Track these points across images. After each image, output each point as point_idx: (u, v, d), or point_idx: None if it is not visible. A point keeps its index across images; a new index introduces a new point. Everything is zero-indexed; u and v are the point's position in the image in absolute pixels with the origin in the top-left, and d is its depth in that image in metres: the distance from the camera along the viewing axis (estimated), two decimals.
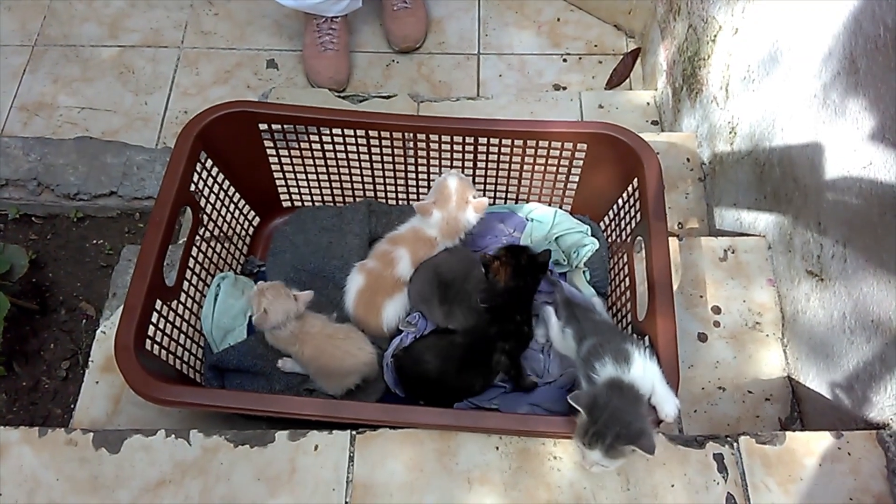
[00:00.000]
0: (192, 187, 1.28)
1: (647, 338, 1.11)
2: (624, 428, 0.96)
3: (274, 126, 1.36)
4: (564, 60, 2.20)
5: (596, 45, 2.22)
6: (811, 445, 1.05)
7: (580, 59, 2.20)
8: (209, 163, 1.33)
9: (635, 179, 1.26)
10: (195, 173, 1.29)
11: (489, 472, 1.05)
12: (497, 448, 1.06)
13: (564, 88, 2.14)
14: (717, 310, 1.35)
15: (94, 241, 1.74)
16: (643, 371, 1.02)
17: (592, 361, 1.07)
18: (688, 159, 1.69)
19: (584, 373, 1.08)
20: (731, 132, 1.54)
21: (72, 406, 1.59)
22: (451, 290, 1.30)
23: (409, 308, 1.37)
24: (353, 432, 1.08)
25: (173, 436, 1.09)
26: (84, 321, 1.67)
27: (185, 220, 1.58)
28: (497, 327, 1.25)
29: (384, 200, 1.54)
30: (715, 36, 1.61)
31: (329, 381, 1.26)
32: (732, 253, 1.40)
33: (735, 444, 1.06)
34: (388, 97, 2.00)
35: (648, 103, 2.03)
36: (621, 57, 2.18)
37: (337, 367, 1.24)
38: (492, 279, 1.27)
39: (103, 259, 1.73)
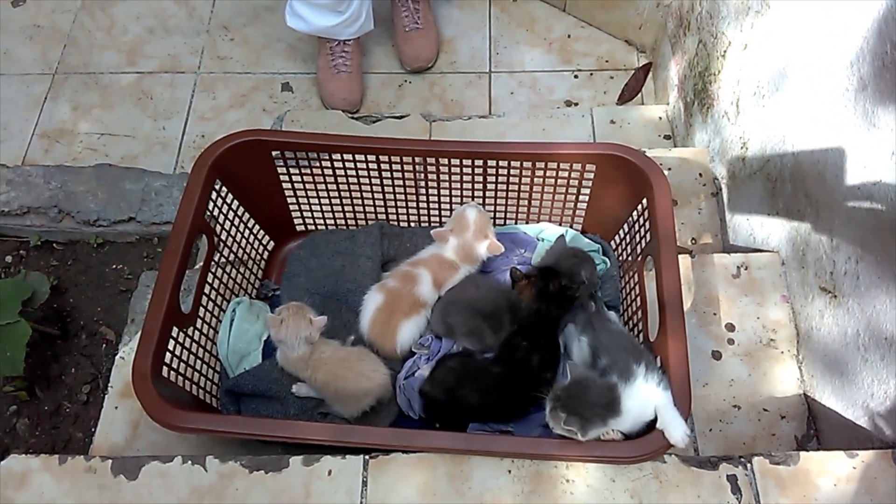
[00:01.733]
0: (207, 214, 1.31)
1: (658, 358, 1.11)
2: (575, 405, 1.03)
3: (287, 153, 1.38)
4: (576, 76, 2.20)
5: (607, 61, 2.22)
6: (826, 465, 1.04)
7: (591, 74, 2.20)
8: (224, 190, 1.36)
9: (645, 199, 1.26)
10: (210, 201, 1.31)
11: (501, 496, 1.05)
12: (510, 472, 1.06)
13: (576, 104, 2.15)
14: (731, 327, 1.34)
15: (114, 266, 1.78)
16: (640, 392, 1.05)
17: None
18: (700, 174, 1.68)
19: None
20: (742, 147, 1.54)
21: (92, 430, 1.62)
22: (504, 318, 1.30)
23: (423, 331, 1.38)
24: (366, 457, 1.09)
25: (190, 462, 1.11)
26: (104, 345, 1.70)
27: (201, 244, 1.60)
28: (539, 356, 1.23)
29: (396, 223, 1.56)
30: (725, 51, 1.61)
31: (344, 404, 1.27)
32: (746, 269, 1.39)
33: (749, 465, 1.05)
34: (401, 117, 2.02)
35: (660, 118, 2.03)
36: (632, 72, 2.18)
37: (352, 391, 1.25)
38: (515, 297, 1.29)
39: (123, 284, 1.76)
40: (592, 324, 1.24)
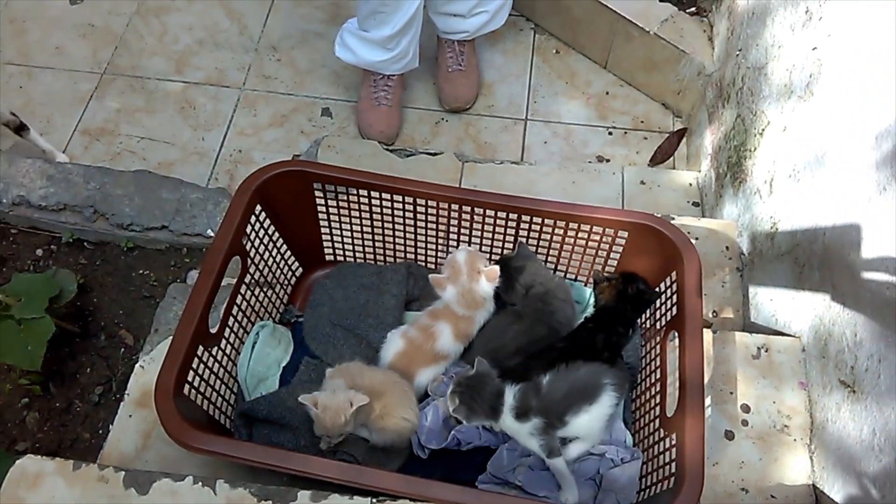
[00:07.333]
0: (244, 237, 1.33)
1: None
2: (468, 396, 1.19)
3: (327, 185, 1.41)
4: (610, 133, 2.23)
5: (642, 122, 2.25)
6: None
7: (626, 133, 2.23)
8: (262, 215, 1.38)
9: (674, 273, 1.27)
10: (248, 224, 1.34)
11: None
12: None
13: (608, 161, 2.18)
14: (746, 408, 1.35)
15: (141, 272, 1.80)
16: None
17: None
18: (727, 247, 1.70)
19: None
20: (772, 227, 1.55)
21: (100, 431, 1.64)
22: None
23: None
24: (374, 500, 1.09)
25: (200, 483, 1.12)
26: (122, 349, 1.72)
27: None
28: (603, 336, 1.31)
29: (424, 263, 1.58)
30: (763, 130, 1.63)
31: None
32: (766, 351, 1.40)
33: None
34: (435, 154, 2.05)
35: (691, 184, 2.05)
36: (667, 135, 2.21)
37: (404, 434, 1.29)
38: (597, 295, 1.39)
39: (147, 290, 1.78)
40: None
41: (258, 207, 1.35)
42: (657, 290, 1.36)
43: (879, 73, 1.16)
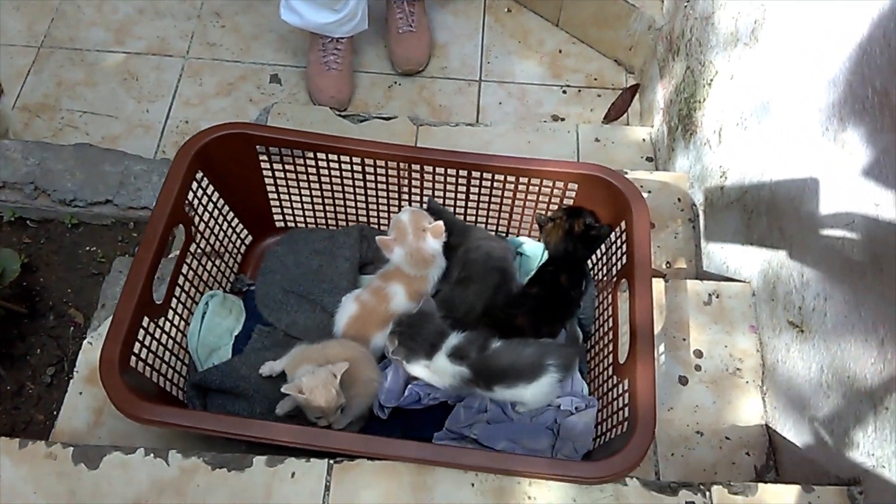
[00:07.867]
0: (186, 204, 1.30)
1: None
2: (408, 336, 1.20)
3: (271, 148, 1.38)
4: (564, 92, 2.22)
5: (596, 79, 2.24)
6: (783, 498, 1.07)
7: (580, 91, 2.22)
8: (205, 181, 1.35)
9: (623, 222, 1.28)
10: (190, 191, 1.30)
11: None
12: (473, 485, 1.07)
13: (563, 119, 2.17)
14: (699, 353, 1.36)
15: (87, 248, 1.75)
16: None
17: None
18: (679, 199, 1.71)
19: None
20: (721, 176, 1.57)
21: (55, 413, 1.59)
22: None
23: None
24: (331, 461, 1.09)
25: (152, 455, 1.10)
26: (72, 328, 1.67)
27: (177, 231, 1.59)
28: (566, 275, 1.32)
29: (377, 226, 1.56)
30: (711, 80, 1.63)
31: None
32: (717, 298, 1.42)
33: (707, 493, 1.07)
34: (388, 119, 2.02)
35: (644, 140, 2.06)
36: (620, 92, 2.20)
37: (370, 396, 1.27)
38: (544, 239, 1.38)
39: (95, 266, 1.73)
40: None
41: (199, 173, 1.31)
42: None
43: (821, 15, 1.16)
